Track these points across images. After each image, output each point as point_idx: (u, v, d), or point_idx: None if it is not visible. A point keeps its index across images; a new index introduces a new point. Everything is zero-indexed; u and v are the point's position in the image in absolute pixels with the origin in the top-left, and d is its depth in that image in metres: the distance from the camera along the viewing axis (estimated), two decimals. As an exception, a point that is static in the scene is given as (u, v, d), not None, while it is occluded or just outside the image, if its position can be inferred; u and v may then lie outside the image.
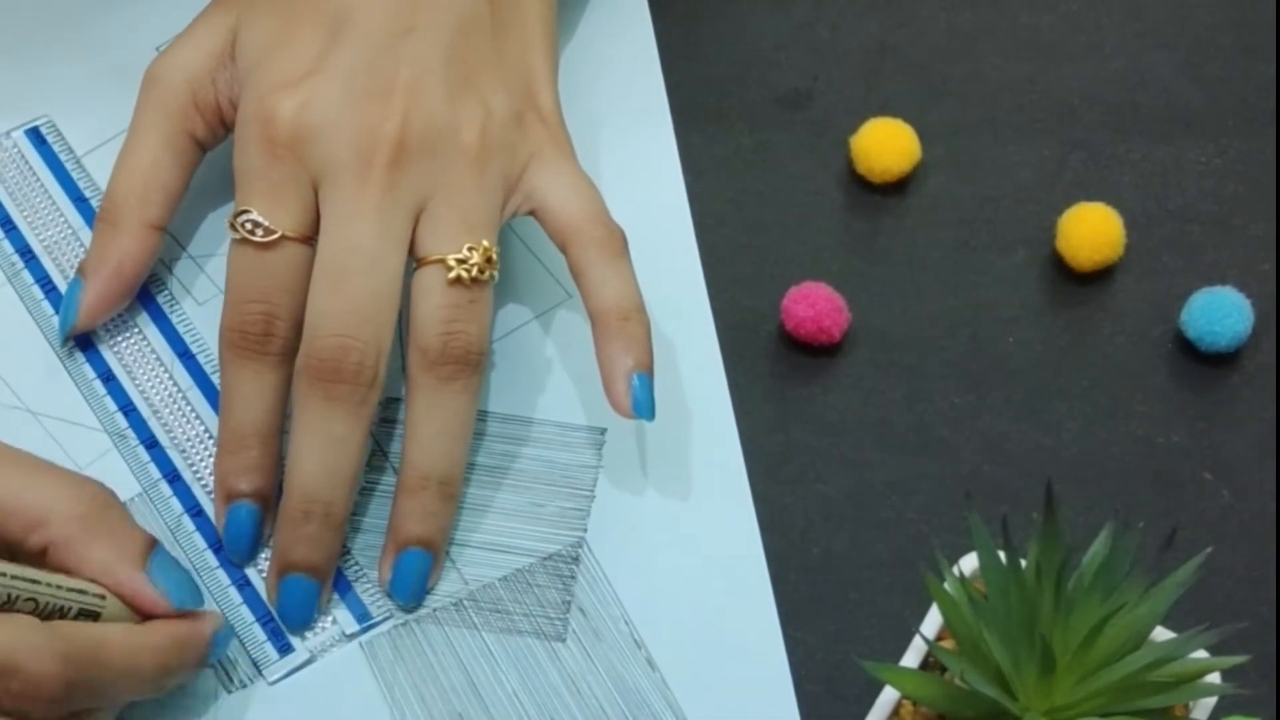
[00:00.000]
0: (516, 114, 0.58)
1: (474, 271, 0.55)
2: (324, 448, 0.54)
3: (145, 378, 0.60)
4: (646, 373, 0.56)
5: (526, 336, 0.62)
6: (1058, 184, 0.66)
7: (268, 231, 0.55)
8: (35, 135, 0.66)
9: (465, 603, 0.56)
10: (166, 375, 0.61)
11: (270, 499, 0.57)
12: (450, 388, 0.55)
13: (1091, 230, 0.63)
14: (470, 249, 0.56)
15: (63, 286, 0.62)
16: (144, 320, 0.61)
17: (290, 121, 0.55)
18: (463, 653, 0.55)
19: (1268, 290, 0.63)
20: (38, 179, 0.64)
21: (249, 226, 0.55)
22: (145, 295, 0.62)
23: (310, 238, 0.56)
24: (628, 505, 0.58)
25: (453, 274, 0.55)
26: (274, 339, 0.56)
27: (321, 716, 0.54)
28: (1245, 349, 0.61)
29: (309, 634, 0.56)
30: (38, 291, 0.62)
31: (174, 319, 0.62)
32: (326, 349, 0.54)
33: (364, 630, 0.56)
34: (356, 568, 0.57)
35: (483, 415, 0.60)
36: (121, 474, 0.58)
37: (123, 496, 0.55)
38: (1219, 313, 0.61)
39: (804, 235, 0.64)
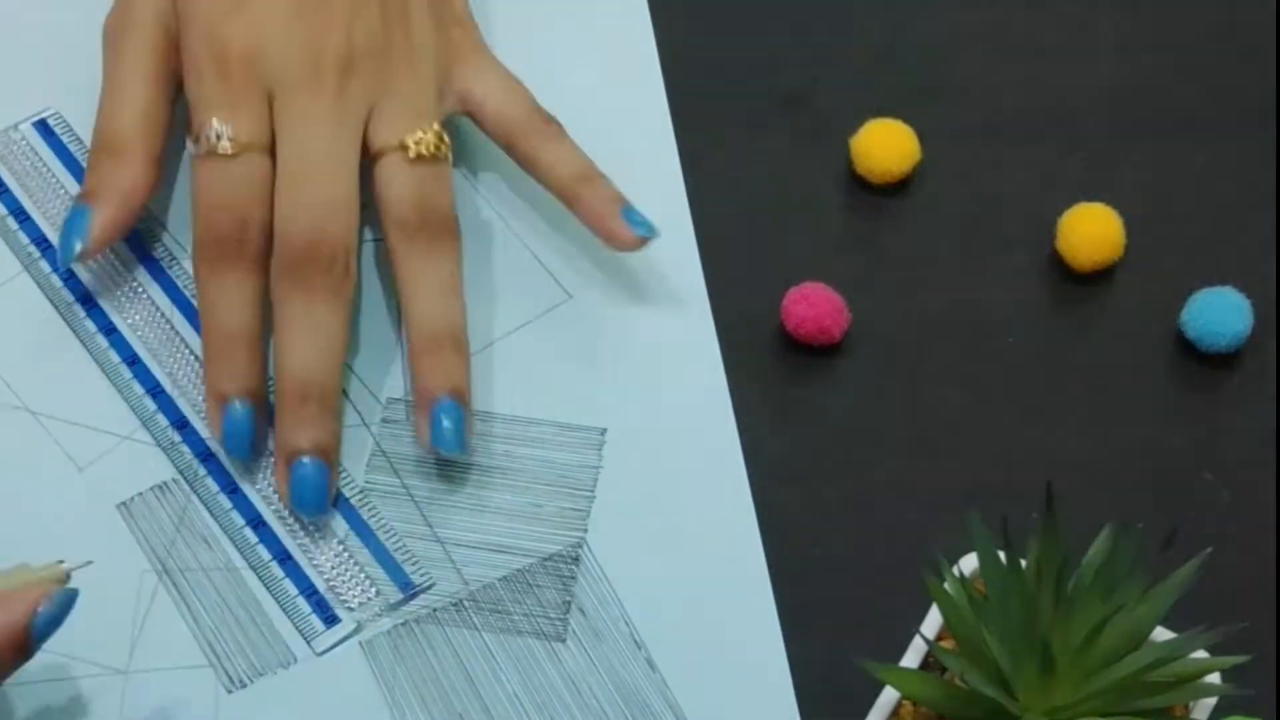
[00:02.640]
0: (436, 19, 0.62)
1: (430, 148, 0.59)
2: (310, 335, 0.57)
3: (172, 361, 0.61)
4: (628, 205, 0.61)
5: (526, 336, 0.62)
6: (1058, 184, 0.66)
7: (232, 140, 0.57)
8: (43, 127, 0.66)
9: (465, 603, 0.56)
10: (193, 357, 0.61)
11: (262, 400, 0.58)
12: (436, 251, 0.59)
13: (1091, 230, 0.63)
14: (422, 131, 0.59)
15: (81, 274, 0.62)
16: (170, 309, 0.62)
17: (241, 44, 0.58)
18: (463, 653, 0.55)
19: (1268, 290, 0.63)
20: (49, 170, 0.65)
21: (213, 138, 0.57)
22: (172, 287, 0.63)
23: (269, 149, 0.58)
24: (628, 505, 0.58)
25: (412, 152, 0.59)
26: (248, 244, 0.57)
27: (322, 717, 0.54)
28: (1245, 349, 0.61)
29: (355, 605, 0.56)
30: (56, 280, 0.62)
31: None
32: (300, 244, 0.57)
33: (409, 599, 0.56)
34: (397, 538, 0.57)
35: (484, 415, 0.60)
36: (156, 459, 0.59)
37: (154, 481, 0.58)
38: (1219, 313, 0.61)
39: (804, 235, 0.64)
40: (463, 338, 0.59)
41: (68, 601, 0.50)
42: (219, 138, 0.57)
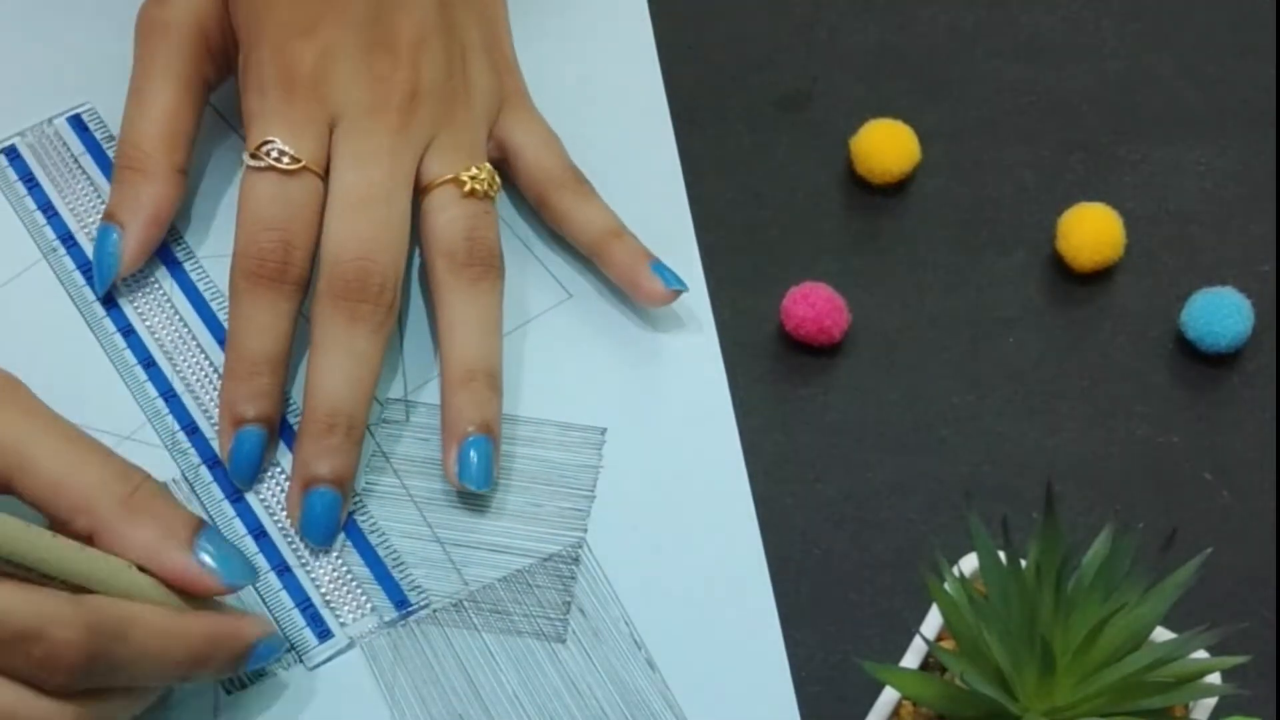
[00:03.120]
0: (491, 63, 0.64)
1: (484, 186, 0.60)
2: (348, 364, 0.56)
3: (186, 365, 0.61)
4: (657, 260, 0.61)
5: (526, 336, 0.62)
6: (1058, 184, 0.66)
7: (293, 159, 0.58)
8: (77, 122, 0.66)
9: (465, 603, 0.56)
10: (207, 361, 0.61)
11: (276, 426, 0.58)
12: (480, 287, 0.59)
13: (1091, 230, 0.63)
14: (477, 168, 0.60)
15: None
16: (186, 306, 0.62)
17: (311, 66, 0.58)
18: (463, 654, 0.55)
19: (1268, 290, 0.63)
20: (79, 165, 0.65)
21: (274, 154, 0.57)
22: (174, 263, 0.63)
23: (323, 174, 0.58)
24: (628, 505, 0.58)
25: (467, 187, 0.59)
26: (291, 267, 0.58)
27: (322, 717, 0.54)
28: (1245, 349, 0.61)
29: (349, 620, 0.56)
30: (79, 278, 0.63)
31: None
32: (350, 271, 0.57)
33: (403, 617, 0.56)
34: (395, 555, 0.57)
35: (483, 415, 0.60)
36: (160, 459, 0.59)
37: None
38: (1219, 313, 0.61)
39: (804, 235, 0.64)
40: (498, 376, 0.58)
41: (280, 647, 0.54)
42: (281, 155, 0.58)
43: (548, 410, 0.60)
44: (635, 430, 0.60)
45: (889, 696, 0.49)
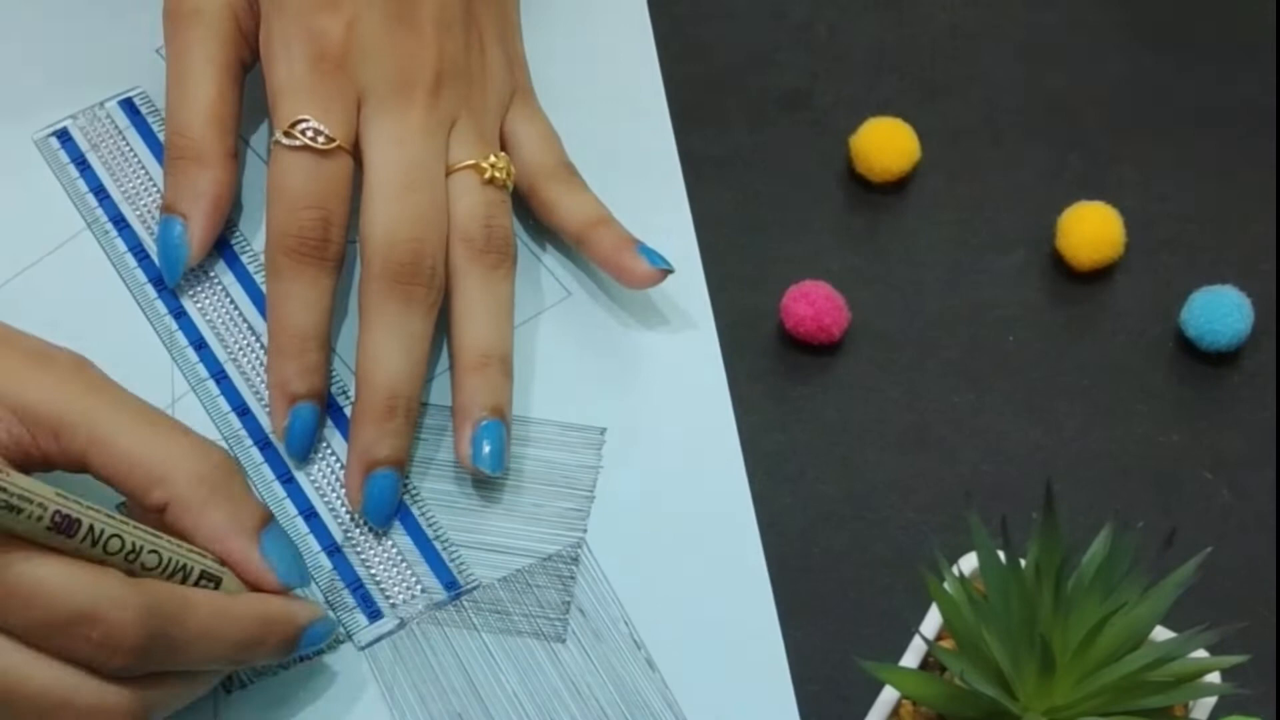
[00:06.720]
0: (506, 55, 0.64)
1: (502, 175, 0.60)
2: (405, 346, 0.57)
3: (236, 346, 0.61)
4: (642, 244, 0.61)
5: (526, 335, 0.62)
6: (1058, 184, 0.66)
7: (329, 139, 0.58)
8: (129, 106, 0.66)
9: (465, 603, 0.56)
10: (256, 342, 0.61)
11: (325, 401, 0.59)
12: (496, 274, 0.59)
13: (1091, 230, 0.63)
14: (495, 156, 0.60)
15: (156, 253, 0.62)
16: (234, 286, 0.62)
17: (339, 40, 0.58)
18: (463, 654, 0.55)
19: (1268, 290, 0.63)
20: (131, 149, 0.65)
21: (310, 134, 0.58)
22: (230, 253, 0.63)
23: (352, 150, 0.58)
24: (628, 505, 0.58)
25: (487, 175, 0.60)
26: (331, 244, 0.58)
27: (322, 717, 0.54)
28: (1245, 349, 0.61)
29: (399, 601, 0.56)
30: (130, 259, 0.63)
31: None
32: (404, 254, 0.57)
33: (453, 599, 0.56)
34: (445, 538, 0.57)
35: (483, 415, 0.60)
36: (214, 436, 0.59)
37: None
38: (1219, 312, 0.61)
39: (804, 235, 0.64)
40: (511, 362, 0.59)
41: (331, 631, 0.54)
42: (316, 135, 0.58)
43: (548, 410, 0.60)
44: (635, 430, 0.60)
45: (889, 696, 0.49)
